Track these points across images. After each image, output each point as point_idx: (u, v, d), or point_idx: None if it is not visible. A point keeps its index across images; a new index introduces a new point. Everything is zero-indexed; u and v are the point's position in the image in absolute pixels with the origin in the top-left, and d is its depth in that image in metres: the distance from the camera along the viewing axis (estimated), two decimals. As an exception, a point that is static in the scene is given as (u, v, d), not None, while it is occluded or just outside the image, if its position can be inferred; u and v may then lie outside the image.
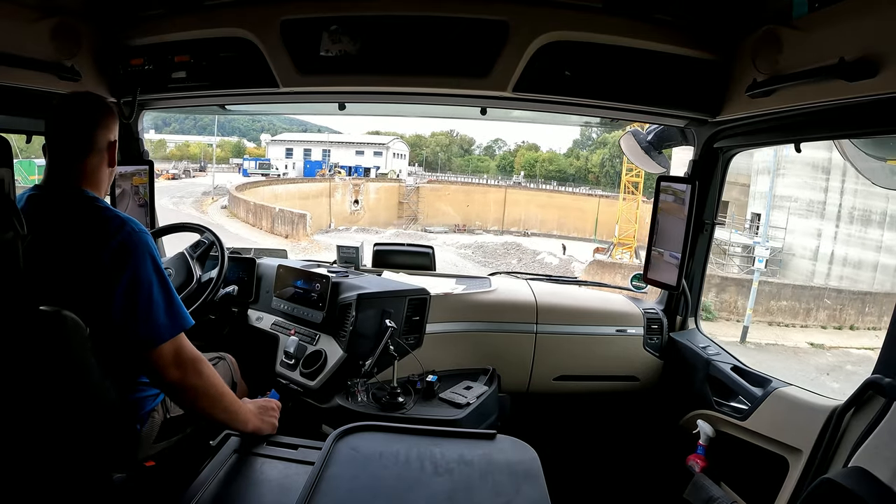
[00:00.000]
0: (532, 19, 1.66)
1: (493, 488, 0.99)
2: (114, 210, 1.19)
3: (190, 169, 42.14)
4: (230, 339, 2.07)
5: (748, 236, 18.34)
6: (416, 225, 34.11)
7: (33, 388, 1.02)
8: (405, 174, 41.59)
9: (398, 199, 36.22)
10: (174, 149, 50.57)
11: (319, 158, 42.35)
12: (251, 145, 53.21)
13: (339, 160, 41.41)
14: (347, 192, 33.62)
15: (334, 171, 37.86)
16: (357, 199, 33.56)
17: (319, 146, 44.00)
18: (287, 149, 43.75)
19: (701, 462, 1.82)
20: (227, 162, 47.55)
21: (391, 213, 35.34)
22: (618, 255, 23.79)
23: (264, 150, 46.61)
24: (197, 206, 27.83)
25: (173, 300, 1.16)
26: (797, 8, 1.38)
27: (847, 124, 1.40)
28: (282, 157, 42.52)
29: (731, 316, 13.94)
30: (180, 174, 40.14)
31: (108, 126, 1.25)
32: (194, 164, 44.28)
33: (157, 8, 1.80)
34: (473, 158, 55.58)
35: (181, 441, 1.40)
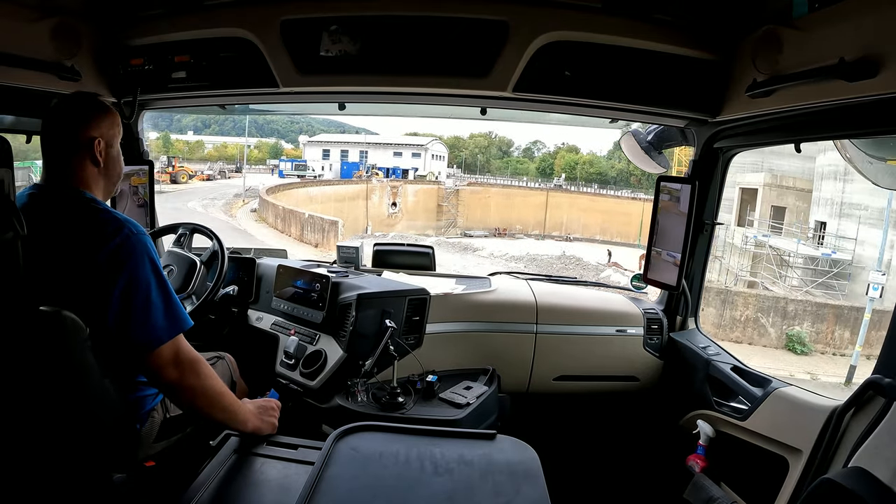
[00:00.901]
0: (532, 19, 1.66)
1: (493, 488, 0.99)
2: (112, 211, 1.19)
3: (225, 170, 41.90)
4: (230, 339, 2.07)
5: (812, 246, 16.65)
6: (455, 229, 33.29)
7: (33, 388, 1.02)
8: (444, 176, 40.71)
9: (437, 201, 35.01)
10: (212, 150, 50.71)
11: (357, 160, 41.84)
12: (289, 146, 53.25)
13: (376, 161, 40.76)
14: (385, 195, 32.51)
15: (372, 173, 37.12)
16: (395, 201, 32.42)
17: (357, 147, 43.47)
18: (324, 150, 43.43)
19: (701, 462, 1.82)
20: (264, 163, 47.44)
21: (430, 216, 34.24)
22: None
23: (301, 151, 46.34)
24: (227, 208, 27.21)
25: (172, 302, 1.16)
26: (797, 8, 1.38)
27: (847, 124, 1.40)
28: (318, 159, 42.21)
29: (827, 349, 12.75)
30: (215, 175, 39.90)
31: (90, 123, 1.22)
32: (230, 164, 43.87)
33: (157, 8, 1.80)
34: (512, 160, 54.86)
35: (181, 441, 1.40)
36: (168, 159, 38.02)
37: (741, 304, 13.48)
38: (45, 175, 1.21)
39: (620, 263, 21.44)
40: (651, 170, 2.26)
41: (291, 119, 60.94)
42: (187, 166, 39.78)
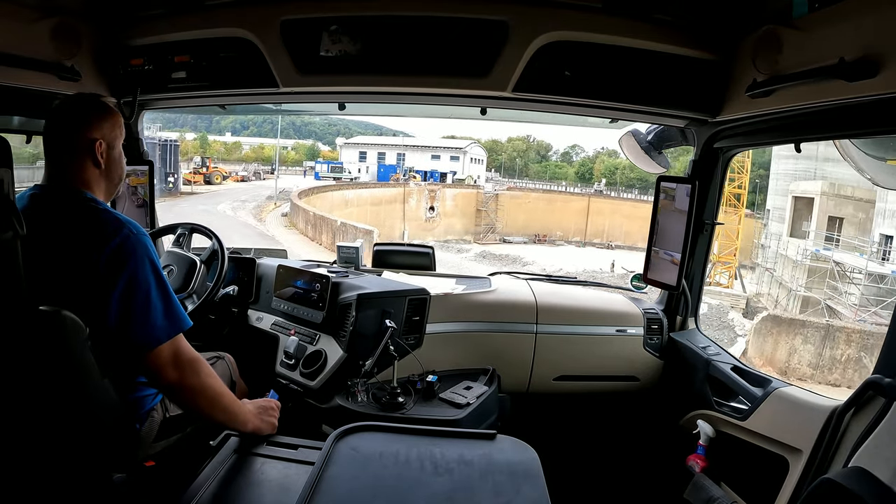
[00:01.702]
0: (532, 19, 1.66)
1: (493, 488, 0.99)
2: (113, 212, 1.19)
3: (260, 171, 41.44)
4: (230, 339, 2.07)
5: (876, 262, 15.55)
6: (493, 234, 32.41)
7: (33, 387, 1.02)
8: (482, 180, 39.73)
9: (476, 206, 34.01)
10: (249, 151, 50.65)
11: (394, 162, 41.10)
12: (326, 148, 53.19)
13: (413, 164, 40.14)
14: (423, 198, 31.73)
15: (409, 176, 36.61)
16: (433, 205, 31.64)
17: (394, 150, 42.86)
18: (361, 152, 42.88)
19: (701, 462, 1.82)
20: (301, 164, 47.16)
21: (468, 221, 33.41)
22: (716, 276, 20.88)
23: (338, 153, 45.96)
24: (257, 211, 26.38)
25: (171, 302, 1.16)
26: (797, 8, 1.37)
27: (847, 124, 1.40)
28: (355, 161, 41.66)
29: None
30: (250, 176, 39.47)
31: (92, 125, 1.22)
32: (266, 166, 43.26)
33: (157, 8, 1.80)
34: (551, 164, 53.93)
35: (181, 441, 1.40)
36: (202, 160, 37.76)
37: (843, 342, 12.30)
38: (46, 175, 1.21)
39: None
40: (651, 170, 2.26)
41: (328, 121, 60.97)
42: (221, 167, 39.42)
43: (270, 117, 44.20)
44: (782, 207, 20.00)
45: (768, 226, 22.36)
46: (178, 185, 29.86)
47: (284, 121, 56.72)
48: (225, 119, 56.02)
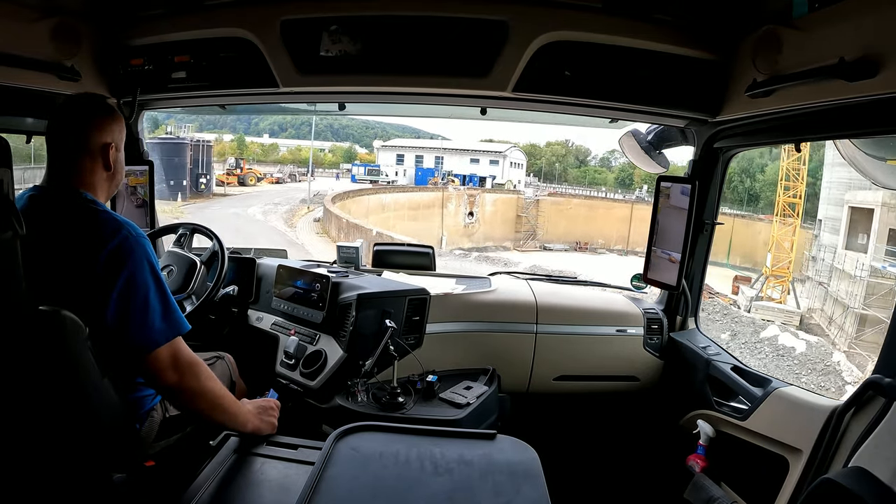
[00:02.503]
0: (532, 19, 1.66)
1: (493, 488, 0.99)
2: (112, 213, 1.19)
3: (296, 173, 40.47)
4: (230, 339, 2.07)
5: None
6: (534, 241, 31.33)
7: (32, 387, 1.02)
8: (522, 185, 38.55)
9: (516, 212, 32.48)
10: (286, 153, 50.10)
11: (431, 165, 40.14)
12: (363, 151, 52.59)
13: (452, 168, 39.00)
14: (462, 203, 30.27)
15: (448, 180, 35.24)
16: (472, 210, 30.17)
17: (432, 153, 41.80)
18: (398, 155, 41.96)
19: (701, 462, 1.82)
20: (338, 167, 46.58)
21: (508, 227, 31.90)
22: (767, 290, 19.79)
23: (375, 156, 45.17)
24: (289, 216, 25.13)
25: (170, 305, 1.16)
26: (797, 8, 1.37)
27: (847, 124, 1.40)
28: (392, 164, 40.80)
29: None
30: (285, 178, 38.49)
31: (104, 128, 1.23)
32: (302, 168, 42.28)
33: (157, 8, 1.80)
34: (590, 170, 52.73)
35: (181, 441, 1.40)
36: (236, 161, 36.93)
37: None
38: (47, 176, 1.21)
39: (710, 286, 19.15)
40: (651, 170, 2.26)
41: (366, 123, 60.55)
42: (256, 168, 38.66)
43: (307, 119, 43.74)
44: (836, 218, 18.44)
45: (820, 237, 20.25)
46: (211, 187, 29.08)
47: (322, 123, 56.40)
48: (263, 121, 56.23)
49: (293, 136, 56.52)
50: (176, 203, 23.62)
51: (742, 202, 33.57)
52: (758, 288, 20.06)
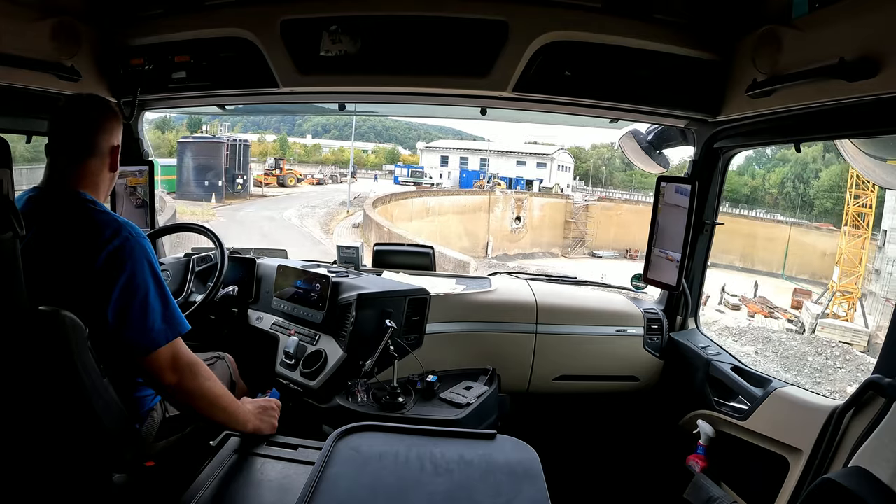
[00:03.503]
0: (532, 19, 1.66)
1: (493, 488, 0.99)
2: (111, 214, 1.19)
3: (338, 174, 39.33)
4: (230, 339, 2.07)
5: None
6: (583, 248, 29.97)
7: (33, 388, 1.02)
8: (569, 189, 36.98)
9: (565, 217, 30.95)
10: (328, 153, 49.58)
11: (476, 168, 38.64)
12: (406, 152, 51.92)
13: (497, 170, 37.42)
14: (509, 207, 28.84)
15: (494, 183, 33.85)
16: (519, 215, 28.86)
17: (477, 154, 40.23)
18: (442, 156, 40.72)
19: (701, 462, 1.82)
20: (381, 168, 45.74)
21: (556, 233, 30.55)
22: (833, 307, 18.12)
23: (419, 157, 44.32)
24: (327, 220, 23.31)
25: (170, 305, 1.16)
26: (797, 8, 1.38)
27: (847, 124, 1.40)
28: (436, 166, 39.45)
29: None
30: (326, 179, 37.37)
31: (111, 130, 1.24)
32: (344, 168, 40.78)
33: (156, 8, 1.81)
34: (636, 173, 49.40)
35: (181, 441, 1.40)
36: (275, 161, 35.64)
37: None
38: (46, 177, 1.21)
39: (768, 299, 18.26)
40: (651, 170, 2.26)
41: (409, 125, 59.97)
42: (296, 169, 37.45)
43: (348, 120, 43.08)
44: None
45: (885, 248, 18.94)
46: (248, 188, 28.04)
47: (365, 124, 55.69)
48: (307, 122, 56.15)
49: (336, 137, 56.09)
50: (209, 205, 22.86)
51: (795, 209, 31.96)
52: (823, 304, 18.26)
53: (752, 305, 18.71)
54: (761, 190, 38.82)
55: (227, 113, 2.41)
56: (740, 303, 18.99)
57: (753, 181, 39.78)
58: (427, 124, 58.01)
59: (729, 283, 19.43)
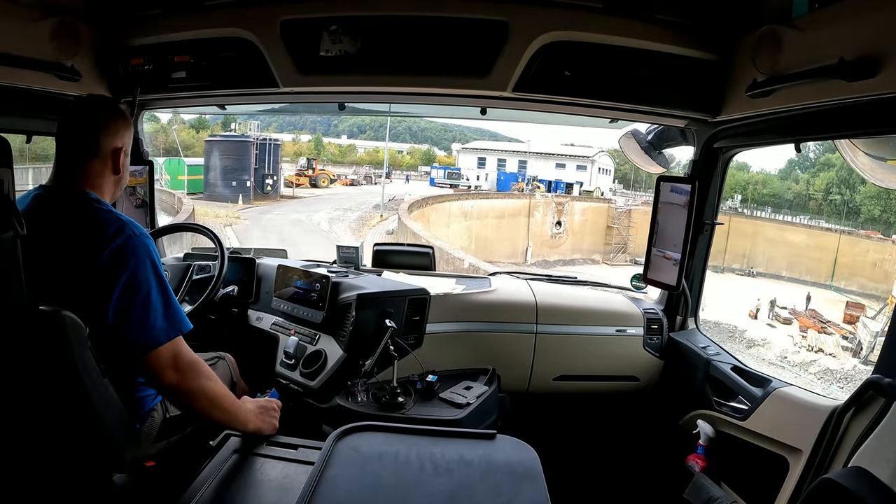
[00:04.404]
0: (532, 19, 1.66)
1: (493, 488, 0.99)
2: (115, 212, 1.19)
3: (372, 175, 38.12)
4: (230, 339, 2.07)
5: None
6: (625, 254, 28.27)
7: (33, 387, 1.02)
8: (610, 192, 35.36)
9: (606, 222, 29.29)
10: (363, 154, 49.06)
11: (514, 170, 37.27)
12: (441, 153, 51.32)
13: (536, 173, 36.12)
14: (549, 212, 27.43)
15: (533, 186, 32.71)
16: (560, 220, 27.44)
17: (514, 156, 38.58)
18: (479, 158, 39.28)
19: (701, 462, 1.82)
20: (416, 169, 44.90)
21: (597, 238, 29.08)
22: None
23: (455, 159, 43.12)
24: (359, 224, 21.89)
25: (171, 304, 1.16)
26: (797, 8, 1.38)
27: (847, 124, 1.40)
28: (473, 167, 38.16)
29: None
30: (360, 180, 36.35)
31: (115, 131, 1.23)
32: (379, 169, 39.41)
33: (156, 8, 1.81)
34: None
35: (181, 441, 1.40)
36: (308, 161, 34.57)
37: None
38: (53, 176, 1.22)
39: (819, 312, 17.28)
40: (651, 170, 2.26)
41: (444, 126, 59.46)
42: (329, 169, 36.50)
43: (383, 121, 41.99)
44: None
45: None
46: (278, 188, 27.05)
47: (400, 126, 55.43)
48: (343, 122, 55.93)
49: (371, 138, 55.56)
50: (234, 206, 22.17)
51: (840, 215, 29.96)
52: (882, 320, 16.19)
53: (803, 319, 17.65)
54: (805, 195, 35.99)
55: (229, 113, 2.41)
56: (791, 316, 18.01)
57: (797, 186, 37.23)
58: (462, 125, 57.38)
59: (776, 294, 18.66)
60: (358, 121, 55.40)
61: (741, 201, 35.33)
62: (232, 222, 19.21)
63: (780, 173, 39.94)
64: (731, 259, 27.09)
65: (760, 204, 36.33)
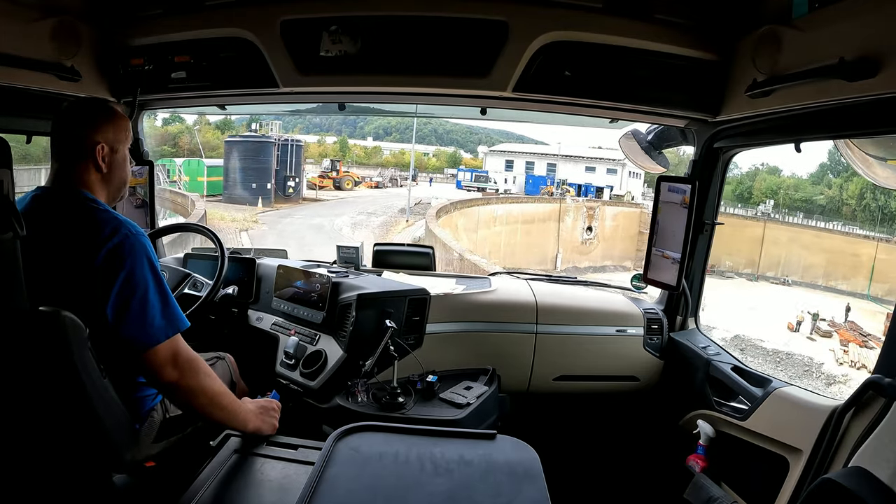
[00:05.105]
0: (532, 19, 1.66)
1: (493, 488, 0.99)
2: (111, 212, 1.19)
3: (398, 177, 36.87)
4: (230, 339, 2.07)
5: None
6: None
7: (33, 388, 1.02)
8: (641, 197, 33.99)
9: (638, 227, 27.65)
10: (388, 156, 48.18)
11: (542, 173, 35.83)
12: (467, 156, 50.58)
13: (565, 176, 34.60)
14: (579, 217, 26.64)
15: (563, 190, 31.30)
16: (590, 225, 26.63)
17: (543, 159, 37.22)
18: (507, 161, 37.88)
19: (701, 462, 1.82)
20: (442, 172, 44.01)
21: (628, 244, 27.83)
22: None
23: (481, 161, 42.04)
24: (384, 230, 20.56)
25: (169, 302, 1.16)
26: (797, 8, 1.38)
27: (847, 124, 1.40)
28: (500, 170, 36.73)
29: None
30: (385, 182, 35.21)
31: (96, 128, 1.22)
32: (405, 171, 38.29)
33: (156, 8, 1.81)
34: None
35: (181, 441, 1.40)
36: (331, 163, 33.13)
37: None
38: (51, 177, 1.22)
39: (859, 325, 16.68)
40: (651, 169, 2.26)
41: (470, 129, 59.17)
42: (353, 171, 35.49)
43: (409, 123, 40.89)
44: None
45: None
46: (300, 191, 25.90)
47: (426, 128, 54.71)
48: (368, 124, 55.35)
49: (397, 140, 54.64)
50: (254, 209, 21.27)
51: (875, 222, 28.84)
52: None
53: (843, 332, 16.93)
54: (838, 200, 34.63)
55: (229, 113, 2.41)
56: (831, 329, 17.27)
57: (829, 191, 35.07)
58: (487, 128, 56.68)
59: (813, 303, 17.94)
60: (384, 122, 54.95)
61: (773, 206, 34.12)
62: (248, 227, 18.41)
63: (812, 177, 37.80)
64: (765, 266, 26.47)
65: (792, 209, 34.56)
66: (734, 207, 34.27)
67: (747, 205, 36.02)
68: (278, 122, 26.86)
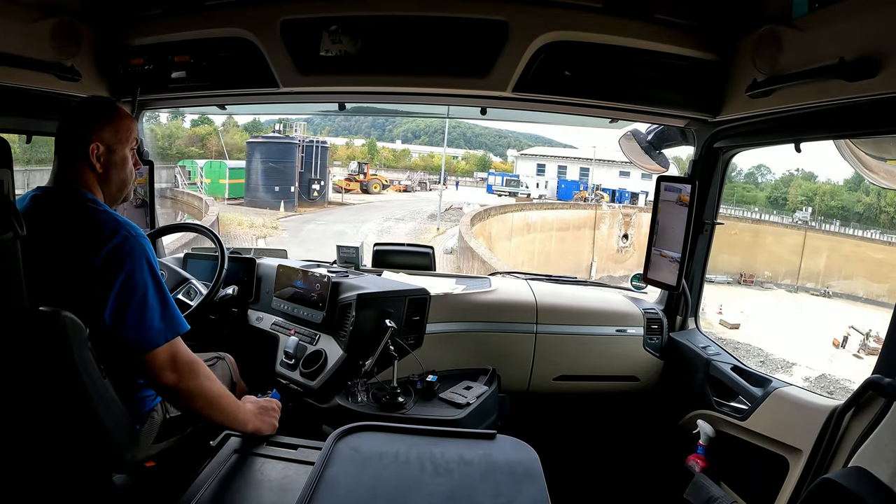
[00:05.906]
0: (532, 19, 1.66)
1: (493, 488, 0.99)
2: (112, 213, 1.19)
3: (427, 181, 36.30)
4: (230, 339, 2.07)
5: None
6: None
7: (33, 389, 1.02)
8: None
9: None
10: (417, 159, 47.85)
11: (575, 178, 34.95)
12: (497, 160, 50.27)
13: (599, 181, 33.74)
14: (615, 224, 25.91)
15: (598, 196, 30.58)
16: (626, 232, 25.69)
17: (576, 163, 36.07)
18: (539, 165, 36.85)
19: (701, 462, 1.82)
20: (471, 175, 43.35)
21: None
22: None
23: (511, 165, 41.35)
24: (412, 237, 19.06)
25: (168, 304, 1.16)
26: (797, 8, 1.38)
27: (847, 124, 1.40)
28: (532, 174, 35.77)
29: None
30: (413, 186, 34.51)
31: (94, 129, 1.21)
32: (434, 175, 37.44)
33: (156, 8, 1.81)
34: (737, 187, 43.26)
35: (181, 441, 1.40)
36: (359, 165, 32.16)
37: None
38: (52, 177, 1.22)
39: None
40: (651, 170, 2.26)
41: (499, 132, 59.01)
42: (381, 174, 34.51)
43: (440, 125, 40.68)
44: None
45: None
46: (325, 194, 24.91)
47: (455, 131, 54.54)
48: (397, 127, 55.12)
49: (426, 143, 54.55)
50: (276, 214, 20.53)
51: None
52: None
53: None
54: (876, 207, 33.38)
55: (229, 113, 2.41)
56: (878, 346, 16.21)
57: (867, 198, 34.14)
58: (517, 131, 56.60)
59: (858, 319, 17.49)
60: (413, 125, 54.68)
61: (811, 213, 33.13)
62: (267, 234, 17.31)
63: (848, 184, 36.24)
64: (805, 278, 25.76)
65: (828, 216, 33.64)
66: (769, 214, 33.64)
67: (782, 211, 34.94)
68: (304, 124, 26.06)
